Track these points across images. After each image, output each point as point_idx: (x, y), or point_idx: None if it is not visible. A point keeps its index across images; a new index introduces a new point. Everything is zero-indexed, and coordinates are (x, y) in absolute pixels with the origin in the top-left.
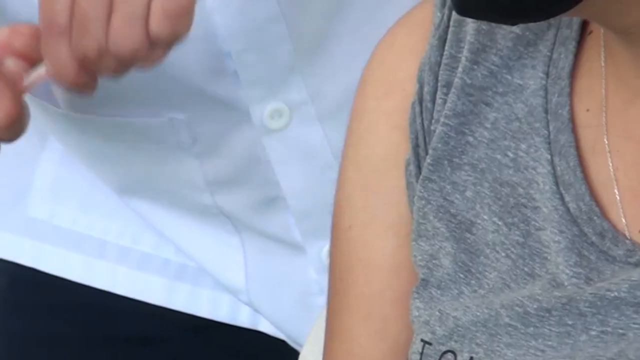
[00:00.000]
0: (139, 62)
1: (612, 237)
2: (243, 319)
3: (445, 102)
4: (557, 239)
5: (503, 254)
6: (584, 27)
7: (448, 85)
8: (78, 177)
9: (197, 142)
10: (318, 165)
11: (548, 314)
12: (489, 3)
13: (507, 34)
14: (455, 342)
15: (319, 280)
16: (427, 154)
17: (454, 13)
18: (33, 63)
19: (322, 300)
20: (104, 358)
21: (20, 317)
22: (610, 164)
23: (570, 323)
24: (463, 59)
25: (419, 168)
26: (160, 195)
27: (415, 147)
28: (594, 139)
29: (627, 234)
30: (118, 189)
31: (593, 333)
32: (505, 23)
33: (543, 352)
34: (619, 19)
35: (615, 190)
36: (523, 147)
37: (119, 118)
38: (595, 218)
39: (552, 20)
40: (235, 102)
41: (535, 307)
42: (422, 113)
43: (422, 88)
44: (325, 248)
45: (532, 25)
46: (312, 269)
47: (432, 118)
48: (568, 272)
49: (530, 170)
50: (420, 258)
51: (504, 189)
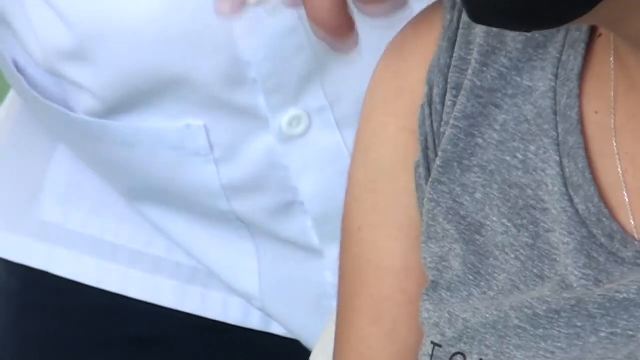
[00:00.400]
0: None
1: (621, 238)
2: (254, 322)
3: (455, 104)
4: (566, 241)
5: (512, 256)
6: (594, 29)
7: (457, 88)
8: (90, 180)
9: (214, 148)
10: (336, 170)
11: (557, 316)
12: (502, 11)
13: (516, 37)
14: (465, 344)
15: (335, 283)
16: (436, 156)
17: (464, 15)
18: None
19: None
20: (115, 358)
21: (33, 318)
22: (619, 166)
23: (580, 325)
24: (473, 61)
25: (429, 170)
26: (173, 201)
27: (425, 149)
28: (603, 141)
29: (636, 236)
30: (128, 195)
31: (602, 335)
32: (519, 30)
33: (552, 353)
34: (630, 26)
35: (624, 192)
36: (532, 148)
37: (136, 123)
38: (605, 220)
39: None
40: (254, 109)
41: (545, 308)
42: (431, 115)
43: (431, 90)
44: None
45: None
46: (328, 272)
47: (441, 120)
48: (577, 273)
49: (539, 172)
50: (430, 260)
51: (513, 191)
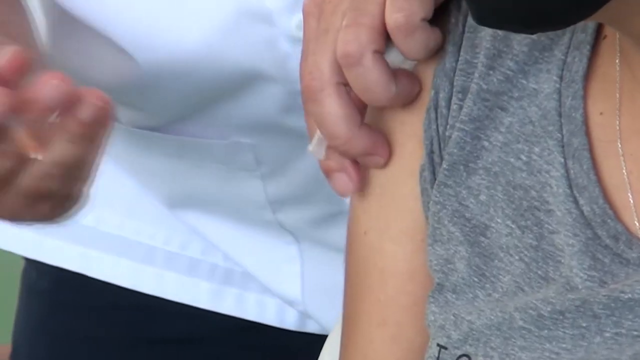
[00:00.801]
0: None
1: (625, 239)
2: (290, 321)
3: (461, 107)
4: (570, 242)
5: (517, 257)
6: (599, 31)
7: (463, 91)
8: (125, 183)
9: (261, 164)
10: None
11: (562, 317)
12: (508, 13)
13: (522, 40)
14: (470, 345)
15: None
16: (441, 160)
17: (469, 19)
18: None
19: None
20: (147, 358)
21: (65, 317)
22: (624, 167)
23: (584, 325)
24: (479, 65)
25: (434, 174)
26: (217, 209)
27: (430, 153)
28: (608, 143)
29: None
30: (168, 201)
31: (607, 335)
32: (525, 32)
33: (557, 354)
34: (635, 24)
35: (629, 194)
36: (536, 150)
37: (185, 137)
38: (609, 221)
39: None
40: (304, 130)
41: (549, 309)
42: (437, 119)
43: (437, 94)
44: None
45: None
46: None
47: (447, 124)
48: (582, 275)
49: (544, 174)
50: (436, 262)
51: (517, 192)
